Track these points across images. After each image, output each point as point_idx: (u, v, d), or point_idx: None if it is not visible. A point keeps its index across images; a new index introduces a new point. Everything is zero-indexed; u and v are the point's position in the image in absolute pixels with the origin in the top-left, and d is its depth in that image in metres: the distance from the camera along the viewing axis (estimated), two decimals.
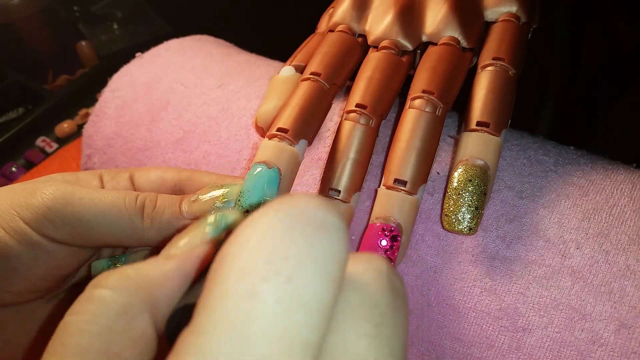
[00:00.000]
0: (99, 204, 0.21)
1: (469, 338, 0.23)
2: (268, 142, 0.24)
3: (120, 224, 0.21)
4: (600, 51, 0.41)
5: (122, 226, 0.21)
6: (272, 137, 0.24)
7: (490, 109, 0.23)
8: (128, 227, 0.21)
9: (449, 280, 0.24)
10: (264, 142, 0.24)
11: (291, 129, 0.24)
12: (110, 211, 0.21)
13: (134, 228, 0.21)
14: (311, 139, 0.25)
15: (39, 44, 0.57)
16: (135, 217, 0.21)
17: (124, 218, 0.21)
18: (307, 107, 0.24)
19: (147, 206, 0.22)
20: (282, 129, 0.23)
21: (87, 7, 0.60)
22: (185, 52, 0.36)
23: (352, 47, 0.27)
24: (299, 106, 0.24)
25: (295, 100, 0.25)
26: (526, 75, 0.26)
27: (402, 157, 0.23)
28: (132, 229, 0.21)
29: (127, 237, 0.22)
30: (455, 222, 0.22)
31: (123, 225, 0.21)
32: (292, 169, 0.23)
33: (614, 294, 0.21)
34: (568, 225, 0.23)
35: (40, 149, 0.49)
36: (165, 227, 0.22)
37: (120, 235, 0.21)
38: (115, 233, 0.21)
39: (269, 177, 0.22)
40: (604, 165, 0.25)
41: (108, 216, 0.21)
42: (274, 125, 0.24)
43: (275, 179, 0.23)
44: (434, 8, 0.27)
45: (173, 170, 0.25)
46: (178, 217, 0.22)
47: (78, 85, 0.53)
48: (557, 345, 0.21)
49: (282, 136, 0.23)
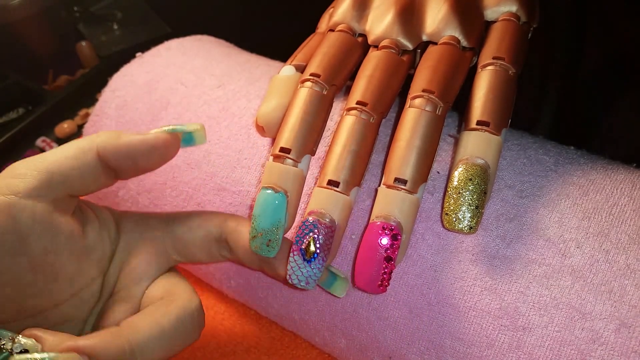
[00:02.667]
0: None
1: (469, 337, 0.23)
2: (273, 165, 0.24)
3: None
4: (601, 51, 0.41)
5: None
6: (277, 158, 0.24)
7: (490, 108, 0.23)
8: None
9: (449, 279, 0.24)
10: (269, 164, 0.24)
11: (293, 149, 0.24)
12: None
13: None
14: (314, 151, 0.25)
15: (39, 45, 0.57)
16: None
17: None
18: (306, 119, 0.24)
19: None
20: (285, 149, 0.24)
21: (87, 7, 0.60)
22: (185, 52, 0.36)
23: (352, 47, 0.27)
24: (298, 121, 0.24)
25: (295, 114, 0.25)
26: (526, 75, 0.26)
27: (402, 156, 0.23)
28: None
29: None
30: (456, 221, 0.23)
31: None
32: (297, 188, 0.24)
33: (614, 293, 0.21)
34: (568, 225, 0.23)
35: (41, 150, 0.49)
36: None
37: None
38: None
39: (277, 202, 0.24)
40: (604, 165, 0.25)
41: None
42: (277, 144, 0.24)
43: (282, 203, 0.24)
44: (434, 7, 0.27)
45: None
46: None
47: (78, 86, 0.53)
48: (557, 344, 0.21)
49: (285, 157, 0.24)
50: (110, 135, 0.24)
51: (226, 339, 0.32)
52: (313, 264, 0.23)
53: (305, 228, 0.23)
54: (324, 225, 0.23)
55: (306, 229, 0.23)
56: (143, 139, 0.24)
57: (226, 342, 0.32)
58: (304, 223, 0.23)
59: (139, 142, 0.24)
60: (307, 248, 0.23)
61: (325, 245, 0.23)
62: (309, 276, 0.23)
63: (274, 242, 0.24)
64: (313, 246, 0.23)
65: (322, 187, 0.24)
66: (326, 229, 0.23)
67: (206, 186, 0.30)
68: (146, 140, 0.24)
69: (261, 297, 0.30)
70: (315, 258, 0.23)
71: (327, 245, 0.23)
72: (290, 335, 0.32)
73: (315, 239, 0.23)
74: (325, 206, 0.23)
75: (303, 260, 0.23)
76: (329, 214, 0.23)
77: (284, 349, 0.31)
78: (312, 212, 0.23)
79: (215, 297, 0.34)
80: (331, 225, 0.23)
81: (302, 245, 0.23)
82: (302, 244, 0.23)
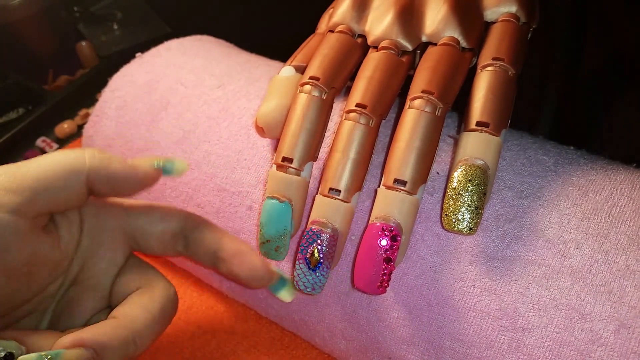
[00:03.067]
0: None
1: (469, 338, 0.23)
2: (276, 175, 0.25)
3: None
4: (601, 51, 0.41)
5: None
6: (279, 167, 0.25)
7: (490, 109, 0.23)
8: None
9: (448, 280, 0.24)
10: (272, 173, 0.25)
11: (295, 158, 0.24)
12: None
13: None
14: (316, 157, 0.25)
15: (39, 45, 0.57)
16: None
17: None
18: (307, 127, 0.25)
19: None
20: (287, 159, 0.25)
21: (87, 7, 0.60)
22: (185, 52, 0.36)
23: (351, 49, 0.27)
24: (299, 129, 0.25)
25: (295, 121, 0.25)
26: (526, 75, 0.26)
27: (401, 157, 0.23)
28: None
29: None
30: (455, 222, 0.23)
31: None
32: (301, 196, 0.25)
33: (613, 294, 0.21)
34: (568, 225, 0.23)
35: (41, 150, 0.49)
36: None
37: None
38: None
39: (282, 211, 0.24)
40: (604, 165, 0.25)
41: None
42: (279, 153, 0.25)
43: (287, 212, 0.24)
44: (433, 8, 0.27)
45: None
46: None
47: (78, 86, 0.53)
48: (557, 345, 0.21)
49: (287, 166, 0.25)
50: (102, 160, 0.24)
51: (226, 339, 0.32)
52: (318, 272, 0.24)
53: (309, 237, 0.23)
54: (326, 234, 0.23)
55: (310, 239, 0.23)
56: (133, 172, 0.25)
57: (226, 342, 0.32)
58: (307, 232, 0.24)
59: (128, 174, 0.25)
60: (312, 257, 0.23)
61: (329, 254, 0.23)
62: (314, 282, 0.24)
63: (282, 248, 0.25)
64: (317, 255, 0.23)
65: (324, 196, 0.24)
66: (329, 239, 0.23)
67: (206, 187, 0.30)
68: (136, 174, 0.25)
69: (261, 298, 0.30)
70: (320, 266, 0.24)
71: (331, 253, 0.24)
72: (290, 335, 0.32)
73: (319, 250, 0.23)
74: (327, 215, 0.24)
75: (308, 268, 0.24)
76: (331, 222, 0.24)
77: (284, 349, 0.31)
78: (315, 222, 0.24)
79: (215, 297, 0.34)
80: (334, 235, 0.24)
81: (307, 255, 0.24)
82: (306, 253, 0.24)
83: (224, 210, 0.29)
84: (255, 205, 0.29)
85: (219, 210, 0.30)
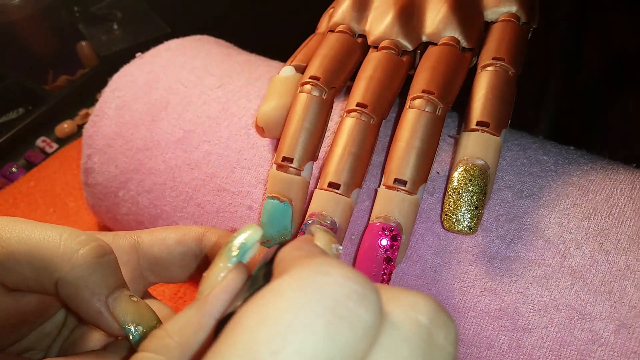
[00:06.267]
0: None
1: (469, 338, 0.23)
2: (276, 174, 0.25)
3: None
4: (600, 51, 0.41)
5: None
6: (280, 167, 0.25)
7: (490, 109, 0.23)
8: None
9: (448, 280, 0.24)
10: (273, 173, 0.25)
11: (295, 157, 0.24)
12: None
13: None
14: (316, 157, 0.25)
15: (39, 45, 0.57)
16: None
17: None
18: (307, 127, 0.25)
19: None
20: (287, 159, 0.25)
21: (87, 7, 0.60)
22: (185, 52, 0.36)
23: (351, 48, 0.27)
24: (299, 129, 0.25)
25: (295, 121, 0.25)
26: (526, 75, 0.26)
27: (402, 156, 0.23)
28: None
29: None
30: (455, 221, 0.23)
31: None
32: (301, 196, 0.25)
33: (613, 294, 0.21)
34: (568, 225, 0.23)
35: (41, 150, 0.49)
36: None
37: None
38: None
39: (282, 211, 0.24)
40: (604, 165, 0.25)
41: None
42: (279, 153, 0.25)
43: (287, 212, 0.24)
44: (433, 8, 0.27)
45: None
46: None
47: (78, 86, 0.53)
48: (557, 345, 0.21)
49: (288, 166, 0.25)
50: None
51: None
52: None
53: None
54: (325, 227, 0.23)
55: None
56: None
57: None
58: (305, 225, 0.23)
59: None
60: None
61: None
62: None
63: None
64: None
65: (323, 189, 0.24)
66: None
67: (206, 187, 0.30)
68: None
69: None
70: None
71: None
72: None
73: None
74: (326, 208, 0.23)
75: None
76: (330, 215, 0.23)
77: None
78: (313, 214, 0.23)
79: None
80: (332, 227, 0.23)
81: None
82: None
83: (224, 210, 0.29)
84: (256, 205, 0.29)
85: (219, 210, 0.30)
